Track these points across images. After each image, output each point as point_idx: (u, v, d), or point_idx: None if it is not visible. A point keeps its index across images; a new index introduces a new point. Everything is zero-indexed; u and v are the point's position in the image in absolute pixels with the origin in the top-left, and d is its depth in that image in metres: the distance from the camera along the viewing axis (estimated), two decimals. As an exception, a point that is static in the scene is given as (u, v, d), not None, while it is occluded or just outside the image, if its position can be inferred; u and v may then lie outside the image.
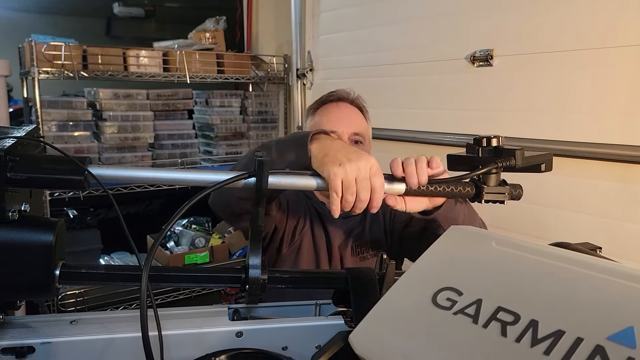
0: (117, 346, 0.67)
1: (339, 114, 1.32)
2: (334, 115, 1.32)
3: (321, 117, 1.33)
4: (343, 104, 1.35)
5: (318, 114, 1.35)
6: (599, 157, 1.56)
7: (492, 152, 0.86)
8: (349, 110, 1.34)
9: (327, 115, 1.33)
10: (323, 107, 1.36)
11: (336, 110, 1.34)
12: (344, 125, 1.29)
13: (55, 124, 2.47)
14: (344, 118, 1.31)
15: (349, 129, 1.29)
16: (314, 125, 1.34)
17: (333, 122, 1.30)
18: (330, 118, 1.31)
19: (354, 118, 1.33)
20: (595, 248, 0.82)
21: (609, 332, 0.42)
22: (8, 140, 0.64)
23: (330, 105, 1.35)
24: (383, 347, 0.51)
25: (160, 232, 0.65)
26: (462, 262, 0.58)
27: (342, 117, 1.31)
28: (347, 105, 1.36)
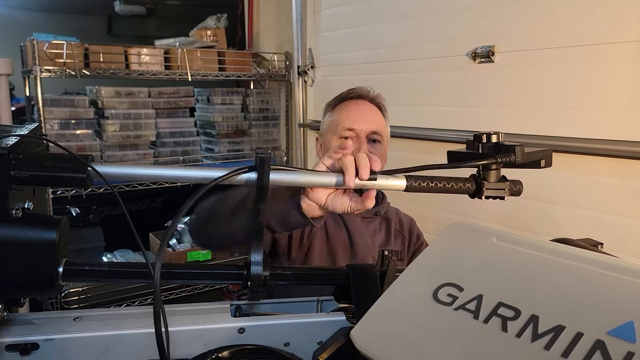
0: (120, 343, 0.68)
1: (358, 111, 1.30)
2: (353, 113, 1.30)
3: (340, 114, 1.32)
4: (362, 102, 1.34)
5: (337, 111, 1.34)
6: (600, 153, 1.56)
7: (492, 148, 0.86)
8: (368, 108, 1.33)
9: (345, 112, 1.31)
10: (342, 104, 1.34)
11: (355, 107, 1.32)
12: (362, 123, 1.28)
13: (57, 122, 2.48)
14: (363, 116, 1.29)
15: (367, 127, 1.28)
16: (333, 122, 1.33)
17: (352, 120, 1.28)
18: (349, 115, 1.30)
19: (372, 116, 1.31)
20: (596, 244, 0.82)
21: (609, 326, 0.43)
22: (11, 139, 0.64)
23: (350, 102, 1.34)
24: (384, 343, 0.52)
25: (168, 229, 0.66)
26: (463, 258, 0.58)
27: (360, 114, 1.29)
28: (367, 103, 1.34)
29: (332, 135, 1.30)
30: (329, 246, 1.28)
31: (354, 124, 1.27)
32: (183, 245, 2.87)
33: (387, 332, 0.53)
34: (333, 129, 1.31)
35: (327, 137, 1.32)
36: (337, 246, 1.28)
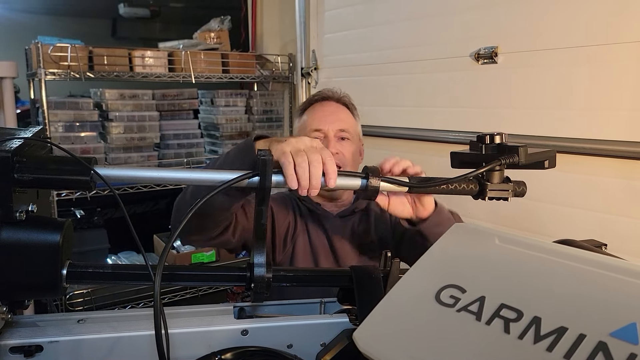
0: (124, 345, 0.68)
1: (324, 112, 1.35)
2: (319, 114, 1.35)
3: (307, 117, 1.37)
4: (328, 103, 1.38)
5: (305, 114, 1.39)
6: (603, 153, 1.56)
7: (495, 149, 0.86)
8: (334, 108, 1.37)
9: (312, 114, 1.36)
10: (310, 108, 1.39)
11: (321, 109, 1.37)
12: (328, 122, 1.32)
13: (62, 125, 2.49)
14: (328, 116, 1.34)
15: (334, 126, 1.32)
16: (301, 126, 1.37)
17: (318, 121, 1.33)
18: (315, 117, 1.34)
19: (339, 115, 1.35)
20: (600, 245, 0.81)
21: (611, 328, 0.42)
22: (15, 142, 0.65)
23: (316, 105, 1.39)
24: (387, 344, 0.52)
25: (172, 232, 0.66)
26: (465, 260, 0.58)
27: (326, 115, 1.34)
28: (333, 104, 1.38)
29: None
30: (311, 250, 1.30)
31: (320, 125, 1.32)
32: (187, 247, 2.87)
33: (389, 334, 0.53)
34: (302, 131, 1.36)
35: None
36: (319, 250, 1.30)
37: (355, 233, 1.32)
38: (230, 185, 0.72)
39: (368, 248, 1.31)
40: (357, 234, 1.32)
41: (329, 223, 1.32)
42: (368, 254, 1.31)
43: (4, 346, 0.65)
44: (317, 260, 1.29)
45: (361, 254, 1.30)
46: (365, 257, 1.30)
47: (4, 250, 0.62)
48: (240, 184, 0.73)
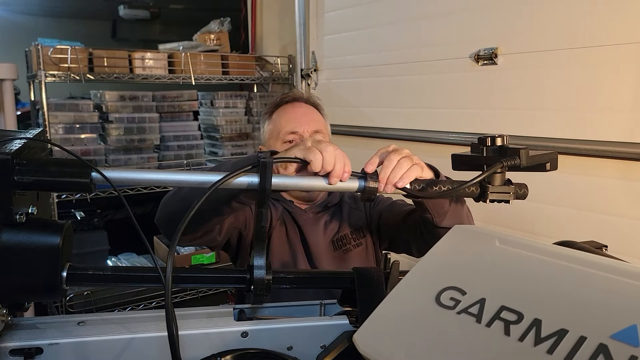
0: (124, 347, 0.68)
1: (296, 114, 1.33)
2: (292, 116, 1.33)
3: (279, 120, 1.34)
4: (299, 104, 1.36)
5: (275, 117, 1.36)
6: (604, 154, 1.55)
7: (496, 151, 0.86)
8: (305, 109, 1.36)
9: (285, 117, 1.33)
10: (279, 110, 1.36)
11: (293, 110, 1.34)
12: (303, 124, 1.30)
13: (62, 127, 2.49)
14: (302, 117, 1.32)
15: (309, 127, 1.31)
16: (274, 129, 1.34)
17: (293, 123, 1.31)
18: (289, 119, 1.32)
19: (312, 116, 1.35)
20: (600, 246, 0.81)
21: (612, 330, 0.42)
22: (15, 144, 0.65)
23: (287, 106, 1.36)
24: (387, 346, 0.52)
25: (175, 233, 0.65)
26: (466, 262, 0.58)
27: (299, 116, 1.32)
28: (303, 105, 1.37)
29: (275, 142, 1.32)
30: (289, 245, 1.30)
31: (296, 127, 1.30)
32: (187, 249, 2.87)
33: (389, 336, 0.53)
34: (275, 135, 1.33)
35: (271, 144, 1.34)
36: (295, 246, 1.30)
37: (329, 227, 1.32)
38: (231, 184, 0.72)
39: (342, 241, 1.31)
40: (330, 228, 1.32)
41: (302, 219, 1.32)
42: (342, 247, 1.31)
43: (4, 348, 0.65)
44: (294, 256, 1.29)
45: (335, 248, 1.31)
46: (339, 251, 1.31)
47: (4, 252, 0.62)
48: (240, 185, 0.73)
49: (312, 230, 1.31)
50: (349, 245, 1.32)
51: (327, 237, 1.31)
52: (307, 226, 1.31)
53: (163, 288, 0.62)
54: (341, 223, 1.33)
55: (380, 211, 1.34)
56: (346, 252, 1.30)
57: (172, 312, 0.61)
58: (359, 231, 1.33)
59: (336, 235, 1.32)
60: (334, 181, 0.80)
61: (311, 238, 1.30)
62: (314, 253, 1.29)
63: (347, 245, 1.31)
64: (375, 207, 1.36)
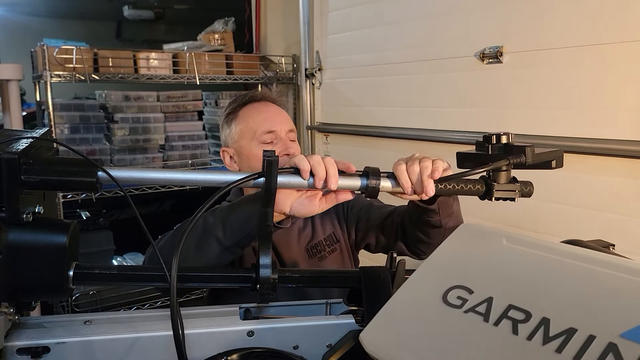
0: (130, 346, 0.68)
1: (270, 112, 1.28)
2: (266, 115, 1.27)
3: (252, 119, 1.26)
4: (270, 104, 1.31)
5: (245, 117, 1.28)
6: (610, 153, 1.55)
7: (502, 149, 0.85)
8: (277, 108, 1.31)
9: (257, 115, 1.26)
10: (247, 109, 1.29)
11: (266, 109, 1.28)
12: (279, 123, 1.25)
13: (67, 127, 2.50)
14: (277, 116, 1.27)
15: (285, 126, 1.26)
16: (246, 129, 1.26)
17: (269, 122, 1.25)
18: (264, 118, 1.26)
19: (284, 115, 1.30)
20: (608, 245, 0.81)
21: (621, 329, 0.42)
22: (21, 143, 0.65)
23: (257, 105, 1.29)
24: (393, 345, 0.51)
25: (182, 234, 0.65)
26: (473, 260, 0.58)
27: (274, 115, 1.27)
28: (271, 104, 1.31)
29: (250, 142, 1.25)
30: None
31: (274, 126, 1.24)
32: (192, 248, 2.87)
33: (396, 335, 0.53)
34: (249, 135, 1.25)
35: (244, 145, 1.26)
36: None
37: (302, 236, 1.27)
38: (237, 186, 0.72)
39: (316, 248, 1.27)
40: (304, 237, 1.27)
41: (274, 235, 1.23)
42: (317, 254, 1.27)
43: (12, 347, 0.65)
44: None
45: (310, 256, 1.26)
46: (314, 259, 1.26)
47: (11, 251, 0.62)
48: (246, 185, 0.73)
49: (284, 242, 1.25)
50: (324, 252, 1.27)
51: (301, 246, 1.26)
52: (279, 239, 1.25)
53: (169, 287, 0.62)
54: (314, 230, 1.29)
55: (358, 214, 1.29)
56: (321, 259, 1.26)
57: (177, 312, 0.61)
58: (331, 236, 1.29)
59: (310, 243, 1.27)
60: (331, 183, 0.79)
61: (285, 251, 1.24)
62: (288, 263, 1.24)
63: (322, 252, 1.27)
64: (351, 210, 1.31)
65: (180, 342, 0.60)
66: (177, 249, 0.66)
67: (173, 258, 0.63)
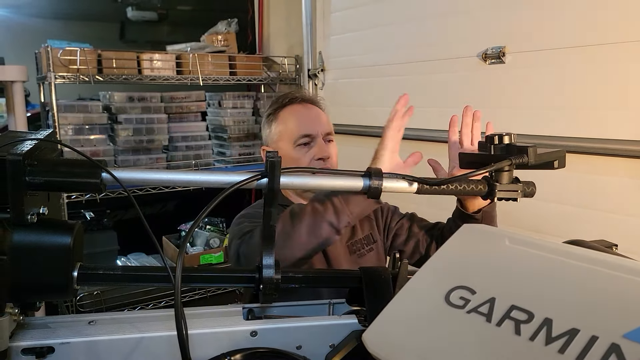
0: (135, 346, 0.68)
1: (308, 115, 1.31)
2: (304, 118, 1.30)
3: (291, 122, 1.30)
4: (309, 105, 1.34)
5: (284, 118, 1.32)
6: (613, 153, 1.54)
7: (504, 149, 0.85)
8: (315, 110, 1.33)
9: (296, 118, 1.30)
10: (287, 111, 1.32)
11: (304, 112, 1.31)
12: (316, 126, 1.29)
13: (71, 128, 2.51)
14: (314, 119, 1.30)
15: (323, 129, 1.30)
16: (284, 131, 1.30)
17: (306, 125, 1.28)
18: (303, 121, 1.29)
19: (322, 118, 1.33)
20: (610, 245, 0.81)
21: (624, 329, 0.42)
22: (26, 145, 0.65)
23: (296, 107, 1.32)
24: (396, 346, 0.52)
25: (186, 234, 0.66)
26: (475, 261, 0.58)
27: (312, 119, 1.30)
28: (310, 105, 1.34)
29: (287, 144, 1.29)
30: None
31: (309, 129, 1.28)
32: (196, 248, 2.88)
33: (399, 335, 0.53)
34: (287, 137, 1.30)
35: (281, 146, 1.31)
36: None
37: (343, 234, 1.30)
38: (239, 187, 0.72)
39: (356, 245, 1.31)
40: (345, 234, 1.31)
41: None
42: (357, 251, 1.31)
43: (16, 347, 0.65)
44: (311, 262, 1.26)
45: (351, 253, 1.30)
46: (354, 255, 1.30)
47: (15, 252, 0.62)
48: (249, 186, 0.73)
49: None
50: (363, 249, 1.31)
51: (342, 241, 1.30)
52: None
53: (172, 288, 0.63)
54: (354, 227, 1.32)
55: (400, 222, 1.35)
56: (360, 256, 1.30)
57: (181, 312, 0.62)
58: (369, 236, 1.33)
59: (351, 240, 1.31)
60: None
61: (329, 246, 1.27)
62: (332, 257, 1.27)
63: (362, 249, 1.31)
64: (392, 217, 1.37)
65: (184, 342, 0.60)
66: (181, 250, 0.66)
67: (178, 258, 0.64)
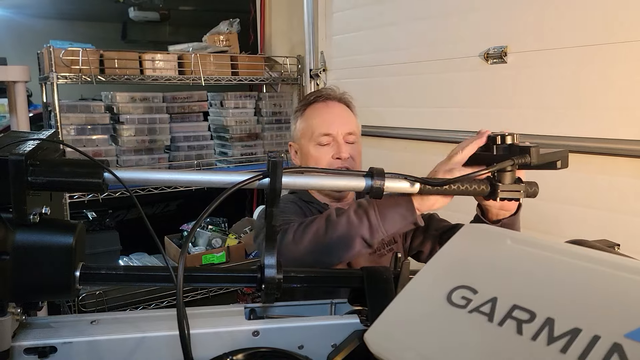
0: (137, 346, 0.68)
1: (331, 114, 1.30)
2: (326, 117, 1.30)
3: (312, 120, 1.31)
4: (332, 103, 1.33)
5: (307, 116, 1.33)
6: (615, 153, 1.54)
7: (507, 149, 0.85)
8: (339, 109, 1.33)
9: (318, 117, 1.31)
10: (312, 109, 1.33)
11: (327, 110, 1.31)
12: (337, 126, 1.28)
13: (73, 128, 2.52)
14: (336, 119, 1.30)
15: (343, 129, 1.29)
16: (306, 128, 1.31)
17: (327, 124, 1.28)
18: (323, 120, 1.29)
19: (345, 117, 1.32)
20: (613, 245, 0.80)
21: (626, 329, 0.42)
22: (28, 145, 0.66)
23: (319, 105, 1.33)
24: (398, 345, 0.52)
25: (188, 234, 0.66)
26: (477, 260, 0.58)
27: (334, 118, 1.30)
28: (336, 104, 1.33)
29: (308, 142, 1.30)
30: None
31: (330, 129, 1.27)
32: (198, 248, 2.88)
33: (400, 335, 0.53)
34: (308, 135, 1.30)
35: (303, 143, 1.32)
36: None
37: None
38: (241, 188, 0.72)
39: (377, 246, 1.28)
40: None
41: None
42: (377, 251, 1.30)
43: (19, 347, 0.66)
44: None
45: (370, 252, 1.28)
46: (374, 255, 1.29)
47: (18, 252, 0.63)
48: (250, 186, 0.73)
49: None
50: (383, 249, 1.30)
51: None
52: None
53: (174, 287, 0.63)
54: None
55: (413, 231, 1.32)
56: (380, 256, 1.29)
57: (183, 311, 0.62)
58: (391, 238, 1.31)
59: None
60: None
61: None
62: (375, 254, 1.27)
63: (382, 249, 1.30)
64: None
65: (186, 341, 0.60)
66: (183, 250, 0.66)
67: (179, 258, 0.64)
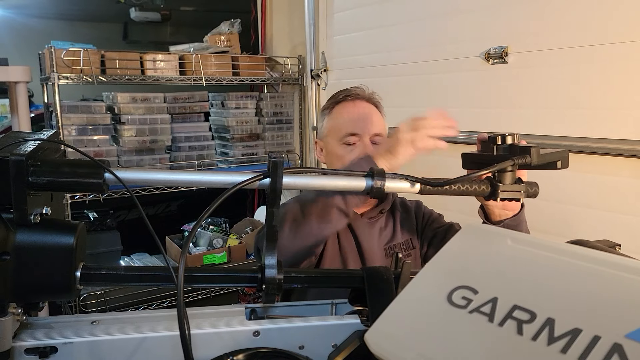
0: (138, 346, 0.68)
1: (358, 114, 1.28)
2: (353, 116, 1.28)
3: (340, 119, 1.29)
4: (360, 103, 1.31)
5: (335, 114, 1.31)
6: (616, 153, 1.54)
7: (507, 149, 0.85)
8: (367, 109, 1.30)
9: (345, 115, 1.29)
10: (340, 107, 1.31)
11: (354, 110, 1.29)
12: (365, 126, 1.26)
13: (75, 128, 2.52)
14: (363, 119, 1.27)
15: (370, 129, 1.26)
16: (334, 127, 1.30)
17: (353, 124, 1.26)
18: (350, 119, 1.27)
19: (372, 117, 1.29)
20: (613, 245, 0.80)
21: (627, 330, 0.42)
22: (29, 145, 0.66)
23: (347, 104, 1.31)
24: (398, 345, 0.52)
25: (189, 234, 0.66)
26: (477, 261, 0.58)
27: (361, 118, 1.27)
28: (365, 104, 1.31)
29: (335, 140, 1.29)
30: (340, 252, 1.26)
31: (356, 129, 1.26)
32: (199, 249, 2.89)
33: (401, 335, 0.53)
34: (335, 134, 1.29)
35: (329, 142, 1.31)
36: (347, 252, 1.26)
37: (382, 234, 1.29)
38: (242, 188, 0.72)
39: (394, 250, 1.28)
40: (384, 236, 1.29)
41: (357, 223, 1.28)
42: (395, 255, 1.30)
43: (20, 347, 0.66)
44: (345, 262, 1.25)
45: (387, 256, 1.27)
46: (390, 260, 1.28)
47: (19, 252, 0.63)
48: (252, 186, 0.73)
49: (366, 235, 1.27)
50: (401, 255, 1.30)
51: (380, 244, 1.28)
52: (362, 231, 1.27)
53: (175, 288, 0.63)
54: (394, 231, 1.30)
55: (435, 230, 1.31)
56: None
57: (184, 312, 0.62)
58: (408, 242, 1.31)
59: (389, 243, 1.28)
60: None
61: (365, 243, 1.26)
62: (368, 259, 1.25)
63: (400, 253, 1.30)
64: (429, 225, 1.33)
65: (186, 342, 0.60)
66: (184, 250, 0.66)
67: (180, 258, 0.64)
